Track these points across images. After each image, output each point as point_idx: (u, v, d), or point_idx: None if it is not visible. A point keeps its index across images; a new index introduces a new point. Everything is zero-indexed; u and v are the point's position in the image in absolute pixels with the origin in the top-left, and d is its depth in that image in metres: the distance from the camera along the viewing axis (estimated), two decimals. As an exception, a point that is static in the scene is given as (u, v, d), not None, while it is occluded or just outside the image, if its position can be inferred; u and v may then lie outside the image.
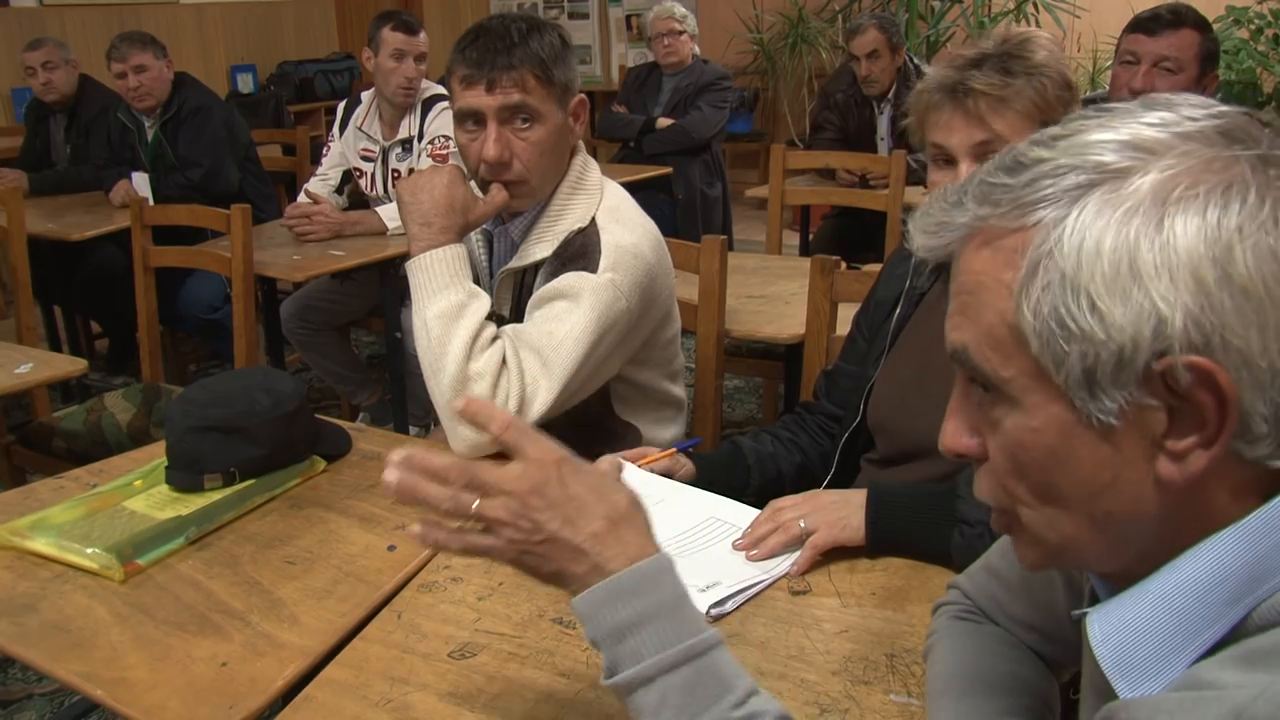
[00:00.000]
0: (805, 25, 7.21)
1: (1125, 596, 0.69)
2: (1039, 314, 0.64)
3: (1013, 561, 1.01)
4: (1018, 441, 0.68)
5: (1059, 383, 0.65)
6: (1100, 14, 6.11)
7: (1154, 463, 0.64)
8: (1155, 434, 0.64)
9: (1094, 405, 0.64)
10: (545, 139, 1.72)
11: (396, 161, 3.55)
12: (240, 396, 1.59)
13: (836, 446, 1.65)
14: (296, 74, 6.95)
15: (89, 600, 1.30)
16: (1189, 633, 0.65)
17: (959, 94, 1.41)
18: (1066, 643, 0.97)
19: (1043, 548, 0.72)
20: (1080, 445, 0.66)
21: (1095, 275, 0.62)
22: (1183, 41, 2.68)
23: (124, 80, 3.91)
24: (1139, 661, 0.66)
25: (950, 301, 0.73)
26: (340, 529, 1.47)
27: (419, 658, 1.17)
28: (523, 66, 1.67)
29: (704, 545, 1.38)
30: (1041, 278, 0.64)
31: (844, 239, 4.03)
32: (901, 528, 1.34)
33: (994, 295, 0.67)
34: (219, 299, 3.78)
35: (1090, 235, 0.62)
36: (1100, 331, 0.62)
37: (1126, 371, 0.62)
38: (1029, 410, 0.67)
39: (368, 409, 3.76)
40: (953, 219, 0.70)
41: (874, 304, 1.70)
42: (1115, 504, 0.66)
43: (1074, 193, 0.64)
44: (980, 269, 0.68)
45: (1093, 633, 0.69)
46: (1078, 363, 0.63)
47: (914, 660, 1.13)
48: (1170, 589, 0.66)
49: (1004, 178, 0.67)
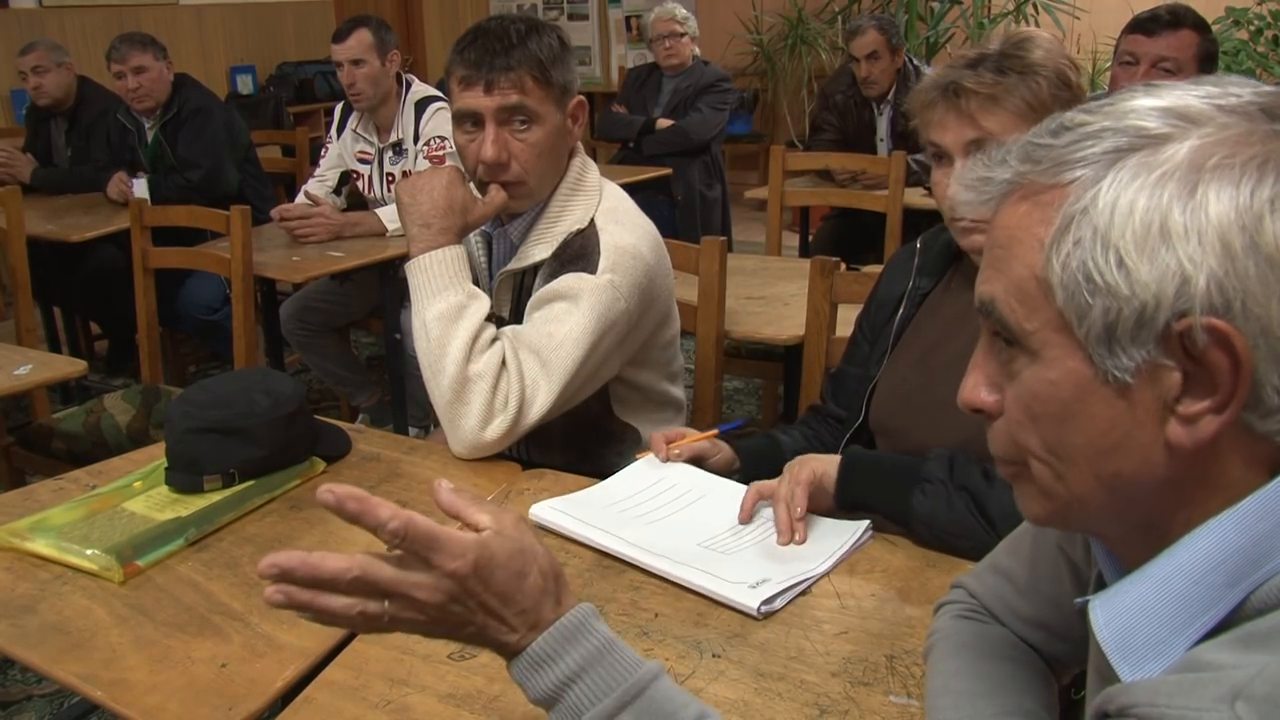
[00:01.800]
0: (805, 26, 7.21)
1: (1126, 582, 0.70)
2: (1067, 267, 0.66)
3: (1022, 560, 1.01)
4: (1034, 393, 0.70)
5: (1080, 336, 0.66)
6: (1099, 15, 6.11)
7: (1165, 425, 0.65)
8: (1168, 396, 0.65)
9: (1111, 361, 0.65)
10: (543, 140, 1.72)
11: (390, 164, 3.55)
12: (239, 398, 1.59)
13: (840, 448, 1.66)
14: (296, 75, 6.95)
15: (88, 601, 1.30)
16: (1188, 615, 0.66)
17: (951, 93, 1.43)
18: (1073, 640, 0.97)
19: (1049, 503, 0.73)
20: (1094, 401, 0.67)
21: (1126, 233, 0.63)
22: (1182, 42, 2.68)
23: (123, 81, 3.91)
24: (1139, 644, 0.68)
25: (984, 256, 0.74)
26: (340, 530, 1.47)
27: (418, 659, 1.17)
28: (520, 68, 1.67)
29: (748, 543, 1.39)
30: (1074, 233, 0.65)
31: (843, 240, 4.03)
32: (869, 483, 1.41)
33: (1026, 249, 0.69)
34: (218, 300, 3.78)
35: (1125, 195, 0.64)
36: (1125, 287, 0.63)
37: (1146, 330, 0.63)
38: (1048, 363, 0.68)
39: (367, 410, 3.76)
40: (995, 175, 0.72)
41: (876, 305, 1.70)
42: (1123, 464, 0.67)
43: (1112, 155, 0.66)
44: (1015, 223, 0.70)
45: (1094, 617, 0.70)
46: (1100, 317, 0.65)
47: (914, 661, 1.13)
48: (1169, 572, 0.67)
49: (1048, 139, 0.69)
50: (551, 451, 1.84)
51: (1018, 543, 1.04)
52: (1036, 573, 1.00)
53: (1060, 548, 0.96)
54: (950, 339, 1.54)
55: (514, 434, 1.66)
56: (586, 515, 1.45)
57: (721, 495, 1.52)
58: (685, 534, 1.41)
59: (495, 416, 1.64)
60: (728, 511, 1.47)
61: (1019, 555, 1.02)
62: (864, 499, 1.41)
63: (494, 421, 1.63)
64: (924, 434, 1.51)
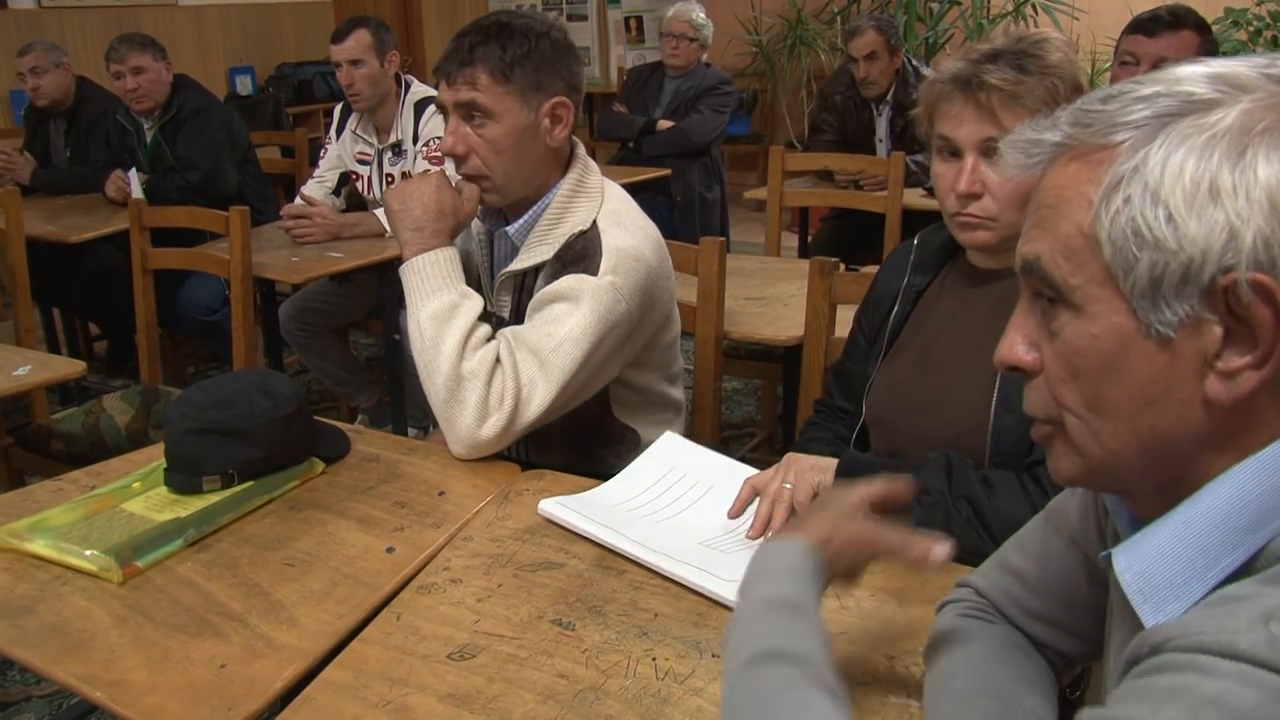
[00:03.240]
0: (804, 27, 7.21)
1: (1148, 529, 0.72)
2: (1116, 222, 0.68)
3: (1030, 556, 1.02)
4: (1076, 348, 0.71)
5: (1125, 290, 0.68)
6: (1099, 16, 6.11)
7: (1204, 380, 0.67)
8: (1209, 351, 0.67)
9: (1155, 315, 0.67)
10: (501, 138, 1.72)
11: (389, 165, 3.55)
12: (239, 398, 1.59)
13: (850, 442, 1.66)
14: (295, 76, 6.95)
15: (88, 602, 1.29)
16: (1209, 558, 0.68)
17: (972, 87, 1.41)
18: (1082, 635, 0.98)
19: (1082, 460, 0.74)
20: (1136, 355, 0.69)
21: (1176, 191, 0.65)
22: (1182, 43, 2.68)
23: (122, 82, 3.90)
24: (1161, 586, 0.70)
25: (1027, 220, 0.76)
26: (339, 531, 1.47)
27: (418, 659, 1.17)
28: (478, 64, 1.69)
29: (750, 542, 1.40)
30: (1124, 190, 0.68)
31: (843, 241, 4.03)
32: None
33: (1074, 207, 0.70)
34: (217, 301, 3.78)
35: (1175, 156, 0.66)
36: (1173, 241, 0.65)
37: (1191, 284, 0.65)
38: (1091, 317, 0.70)
39: (366, 411, 3.76)
40: (1045, 137, 0.74)
41: (873, 301, 1.70)
42: (1161, 418, 0.69)
43: (1163, 118, 0.68)
44: (1064, 183, 0.72)
45: (1118, 564, 0.72)
46: (1146, 271, 0.67)
47: (913, 662, 1.13)
48: (1191, 516, 0.69)
49: (1098, 105, 0.72)
50: (551, 452, 1.84)
51: (1025, 540, 1.04)
52: (1046, 568, 1.00)
53: (1073, 541, 0.97)
54: (946, 335, 1.54)
55: (511, 432, 1.65)
56: (592, 512, 1.45)
57: (729, 487, 1.52)
58: (687, 533, 1.42)
59: (490, 414, 1.63)
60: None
61: (1027, 552, 1.03)
62: None
63: (489, 419, 1.63)
64: (919, 429, 1.51)
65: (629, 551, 1.36)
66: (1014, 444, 1.40)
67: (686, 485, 1.55)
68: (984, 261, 1.53)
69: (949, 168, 1.46)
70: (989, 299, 1.51)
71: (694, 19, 4.78)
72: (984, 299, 1.51)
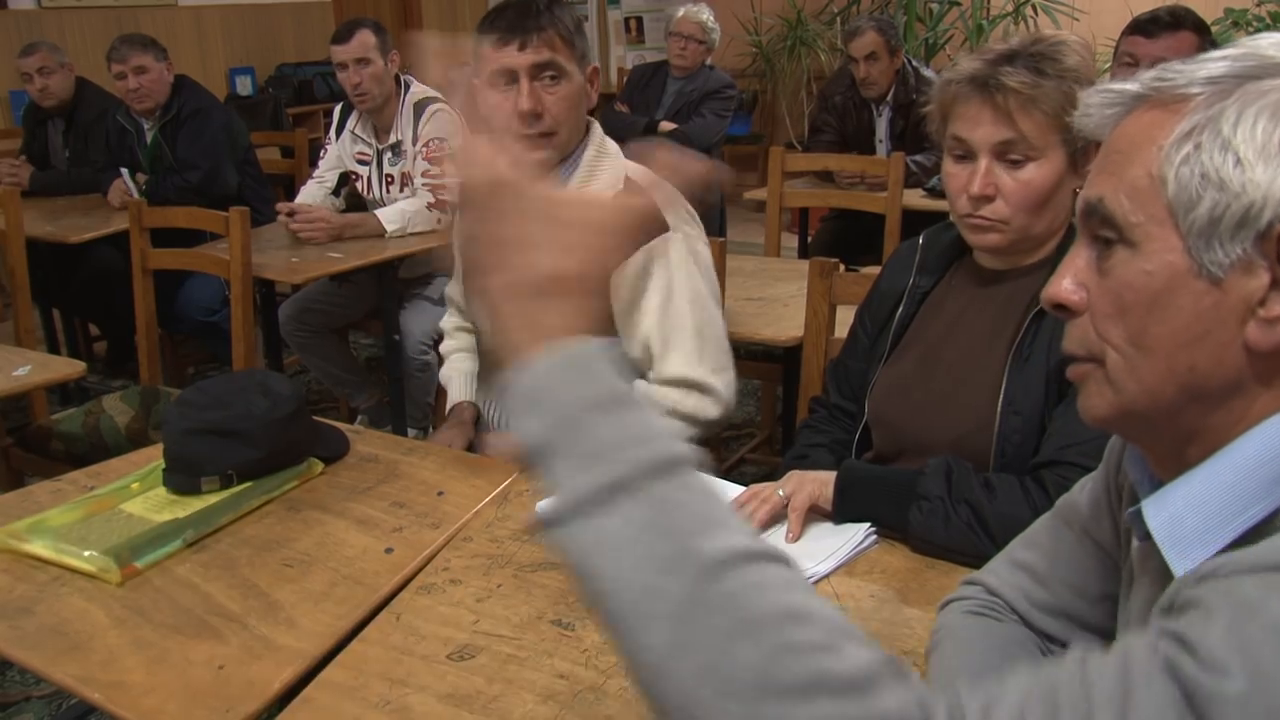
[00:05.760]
0: (804, 28, 7.21)
1: (1175, 483, 0.74)
2: (1185, 163, 0.70)
3: (1040, 551, 1.03)
4: (1127, 283, 0.73)
5: (1183, 228, 0.70)
6: (1098, 16, 6.12)
7: (1245, 326, 0.69)
8: (1254, 297, 0.69)
9: (1208, 255, 0.69)
10: (572, 94, 1.84)
11: (389, 166, 3.55)
12: (238, 399, 1.59)
13: (851, 448, 1.65)
14: (295, 76, 6.94)
15: (86, 603, 1.29)
16: (1236, 507, 0.70)
17: (990, 88, 1.40)
18: (1094, 627, 0.98)
19: (1117, 398, 0.76)
20: (1184, 293, 0.70)
21: (1247, 141, 0.68)
22: (1181, 43, 2.67)
23: (124, 82, 3.90)
24: (1188, 533, 0.71)
25: (1094, 166, 0.78)
26: (338, 531, 1.47)
27: (418, 659, 1.17)
28: (550, 29, 1.80)
29: None
30: (1195, 137, 0.70)
31: (843, 241, 4.02)
32: (866, 499, 1.41)
33: (1145, 153, 0.73)
34: (217, 301, 3.78)
35: (1250, 110, 0.69)
36: (1237, 184, 0.68)
37: (1249, 228, 0.68)
38: (1146, 255, 0.72)
39: (366, 411, 3.75)
40: (1127, 88, 0.76)
41: (877, 299, 1.69)
42: (1200, 358, 0.71)
43: (1241, 78, 0.70)
44: (1138, 130, 0.74)
45: (1147, 513, 0.74)
46: (1207, 210, 0.69)
47: (913, 662, 1.13)
48: (1219, 467, 0.71)
49: (1180, 65, 0.74)
50: None
51: (1035, 536, 1.05)
52: (1057, 562, 1.01)
53: (1085, 533, 0.97)
54: (952, 336, 1.53)
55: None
56: None
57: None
58: None
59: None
60: None
61: (1038, 548, 1.04)
62: (861, 516, 1.41)
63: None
64: (923, 430, 1.51)
65: None
66: (1019, 446, 1.40)
67: None
68: (992, 262, 1.53)
69: (962, 169, 1.45)
70: (996, 300, 1.50)
71: (703, 21, 4.78)
72: (990, 300, 1.51)
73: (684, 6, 4.85)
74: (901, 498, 1.37)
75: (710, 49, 4.84)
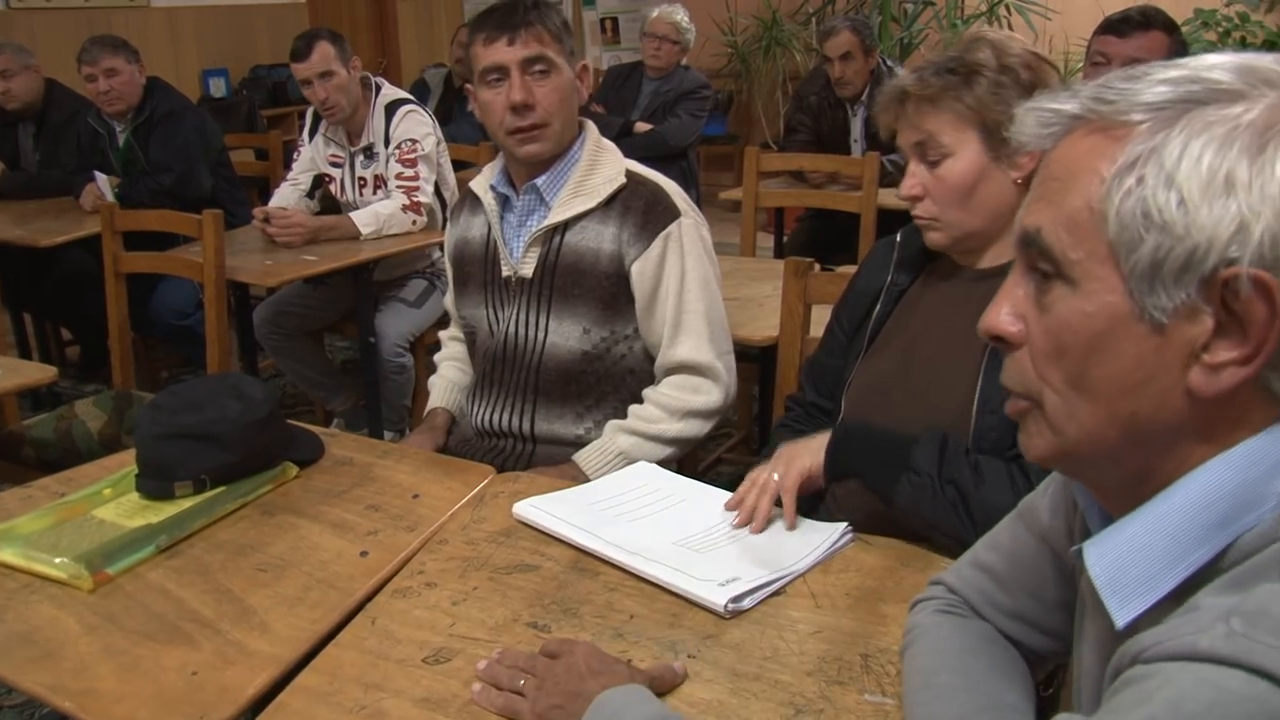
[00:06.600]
0: (779, 28, 7.23)
1: (1118, 525, 0.72)
2: (1127, 200, 0.67)
3: (1002, 554, 1.03)
4: (1066, 323, 0.71)
5: (1124, 270, 0.67)
6: (1071, 16, 6.15)
7: (1188, 372, 0.67)
8: (1197, 343, 0.67)
9: (1150, 299, 0.67)
10: (562, 86, 1.88)
11: (361, 168, 3.53)
12: (211, 403, 1.58)
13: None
14: (269, 78, 6.89)
15: (57, 610, 1.28)
16: (1179, 552, 0.68)
17: (900, 98, 1.50)
18: (1053, 632, 0.98)
19: (1056, 439, 0.74)
20: (1125, 337, 0.68)
21: (1191, 177, 0.65)
22: (1152, 43, 2.70)
23: (95, 84, 3.87)
24: (1130, 580, 0.70)
25: (1031, 191, 0.75)
26: (312, 535, 1.46)
27: (393, 663, 1.16)
28: (538, 24, 1.86)
29: (725, 542, 1.40)
30: (1138, 170, 0.67)
31: (818, 241, 4.04)
32: (856, 460, 1.44)
33: (1085, 182, 0.70)
34: (191, 305, 3.75)
35: (1195, 143, 0.65)
36: (1181, 226, 0.65)
37: (1192, 272, 0.65)
38: (1087, 294, 0.70)
39: (342, 414, 3.74)
40: (1063, 108, 0.73)
41: (854, 296, 1.70)
42: (1141, 404, 0.69)
43: (1187, 103, 0.67)
44: (1077, 157, 0.71)
45: (1088, 557, 0.72)
46: (1149, 253, 0.66)
47: (889, 660, 1.13)
48: (1163, 511, 0.69)
49: (1121, 84, 0.71)
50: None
51: (998, 538, 1.05)
52: (1017, 566, 1.01)
53: (1043, 539, 0.97)
54: (929, 334, 1.54)
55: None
56: (566, 513, 1.45)
57: (703, 498, 1.52)
58: (662, 532, 1.41)
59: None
60: (707, 512, 1.47)
61: (999, 550, 1.03)
62: (850, 472, 1.44)
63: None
64: (898, 428, 1.51)
65: (603, 552, 1.35)
66: (995, 444, 1.41)
67: (660, 495, 1.55)
68: (966, 261, 1.54)
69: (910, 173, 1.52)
70: (972, 298, 1.51)
71: (678, 21, 4.78)
72: (967, 298, 1.51)
73: (658, 7, 4.85)
74: (893, 463, 1.39)
75: (685, 49, 4.85)
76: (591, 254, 1.87)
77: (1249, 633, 0.58)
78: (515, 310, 1.94)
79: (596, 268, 1.87)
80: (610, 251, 1.86)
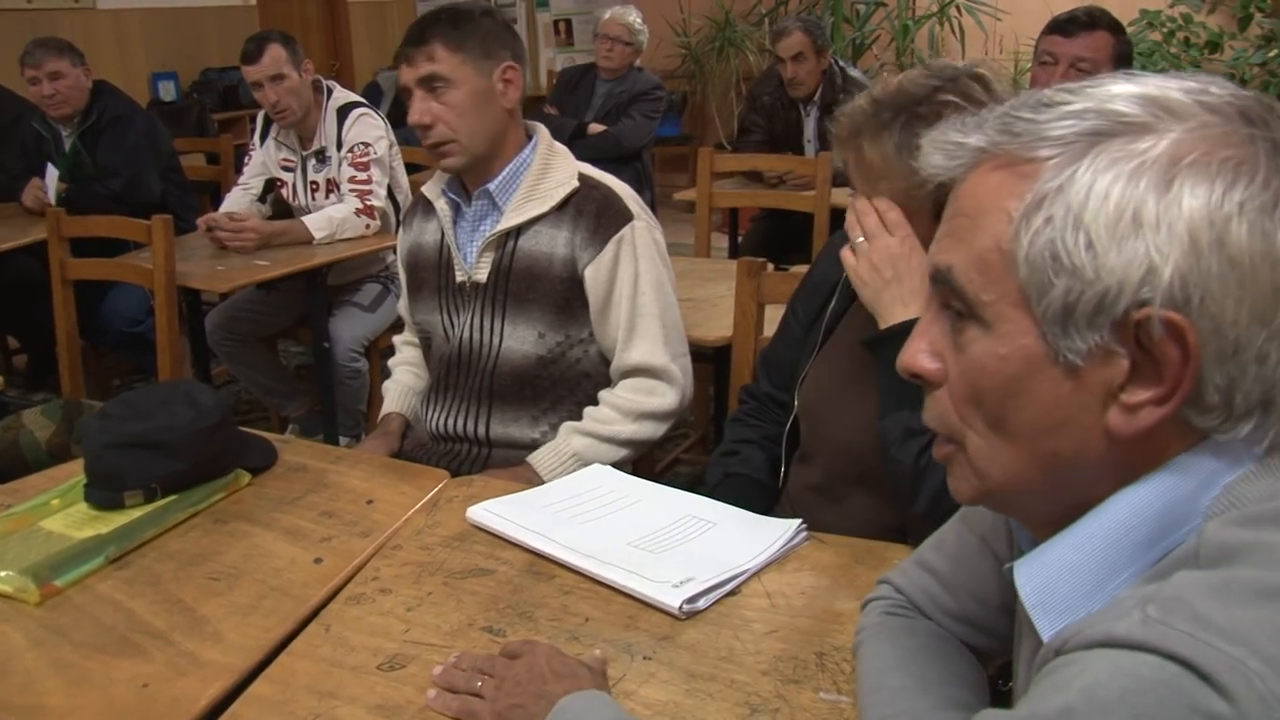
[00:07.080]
0: (732, 29, 7.26)
1: (1048, 544, 0.72)
2: (1035, 243, 0.66)
3: (946, 556, 1.03)
4: (981, 366, 0.70)
5: (1036, 313, 0.67)
6: (1020, 17, 6.23)
7: (1106, 412, 0.67)
8: (1113, 384, 0.66)
9: (1064, 342, 0.66)
10: (462, 101, 1.86)
11: (314, 173, 3.50)
12: (161, 410, 1.56)
13: (782, 441, 1.66)
14: (220, 81, 6.81)
15: (2, 625, 1.26)
16: (1107, 572, 0.68)
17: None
18: (996, 634, 0.99)
19: (981, 482, 0.74)
20: (1041, 380, 0.68)
21: (1099, 217, 0.64)
22: (1097, 43, 2.74)
23: (38, 87, 3.81)
24: (1060, 599, 0.70)
25: (941, 226, 0.74)
26: (265, 543, 1.45)
27: (347, 671, 1.15)
28: (432, 41, 1.85)
29: (679, 542, 1.40)
30: (1046, 210, 0.66)
31: (772, 241, 4.06)
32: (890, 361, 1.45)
33: (993, 220, 0.69)
34: (141, 312, 3.70)
35: (1101, 180, 0.64)
36: (1090, 270, 0.64)
37: (1104, 315, 0.65)
38: (1000, 337, 0.69)
39: (297, 420, 3.70)
40: (969, 141, 0.72)
41: (810, 287, 1.71)
42: (1061, 445, 0.69)
43: (1092, 138, 0.66)
44: (985, 193, 0.70)
45: (1018, 578, 0.72)
46: (1060, 297, 0.65)
47: (843, 658, 1.14)
48: (1092, 530, 0.69)
49: (1027, 113, 0.70)
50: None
51: (943, 539, 1.05)
52: (960, 568, 1.01)
53: (984, 541, 0.98)
54: None
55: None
56: (520, 517, 1.45)
57: (657, 499, 1.52)
58: (616, 534, 1.41)
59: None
60: (662, 513, 1.47)
61: (943, 551, 1.04)
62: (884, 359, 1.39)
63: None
64: (851, 425, 1.52)
65: (558, 556, 1.35)
66: None
67: (614, 496, 1.55)
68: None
69: None
70: None
71: (630, 23, 4.78)
72: None
73: (611, 9, 4.85)
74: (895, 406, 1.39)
75: (638, 51, 4.86)
76: (545, 258, 1.87)
77: (1164, 619, 0.58)
78: (470, 315, 1.94)
79: (550, 272, 1.87)
80: (564, 256, 1.86)
